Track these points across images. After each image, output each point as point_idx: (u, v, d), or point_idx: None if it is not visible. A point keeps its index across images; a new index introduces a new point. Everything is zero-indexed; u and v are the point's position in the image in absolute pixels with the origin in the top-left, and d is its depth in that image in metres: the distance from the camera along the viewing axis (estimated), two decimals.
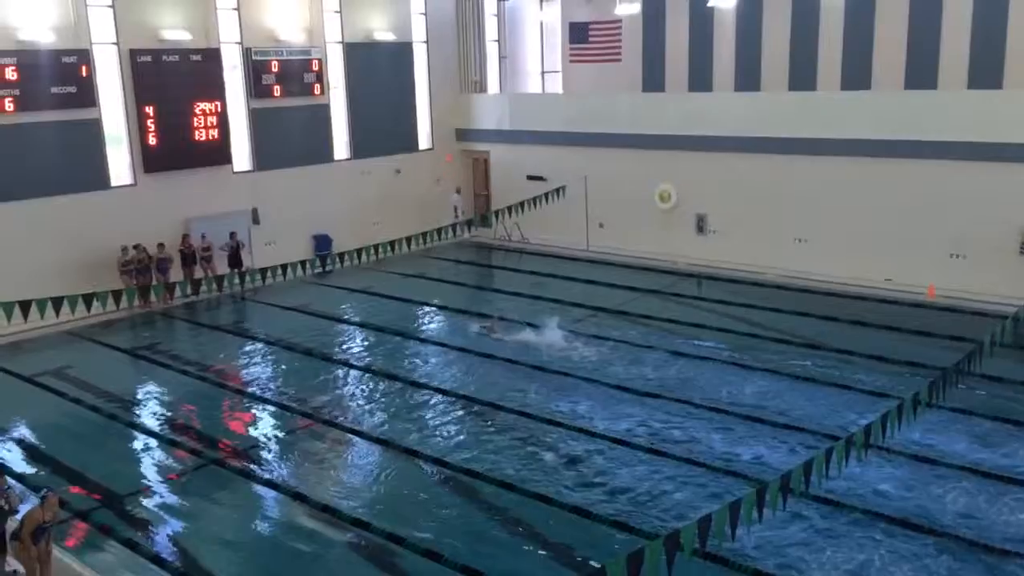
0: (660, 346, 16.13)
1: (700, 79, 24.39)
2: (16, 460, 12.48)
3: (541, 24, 28.40)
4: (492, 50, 28.19)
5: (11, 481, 10.25)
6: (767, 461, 11.49)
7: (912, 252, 18.88)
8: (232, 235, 20.75)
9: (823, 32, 22.17)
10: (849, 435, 9.73)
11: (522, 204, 22.96)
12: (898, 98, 20.16)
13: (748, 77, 23.42)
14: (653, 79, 25.30)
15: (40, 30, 18.26)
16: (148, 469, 12.18)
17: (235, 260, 20.49)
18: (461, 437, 12.68)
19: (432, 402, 14.06)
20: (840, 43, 21.94)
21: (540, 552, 9.89)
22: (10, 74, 17.90)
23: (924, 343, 15.65)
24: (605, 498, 10.74)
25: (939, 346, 15.04)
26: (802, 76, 22.47)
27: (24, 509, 9.22)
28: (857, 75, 21.60)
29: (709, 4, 22.67)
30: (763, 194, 21.11)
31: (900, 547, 9.52)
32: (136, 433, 13.37)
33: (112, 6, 19.45)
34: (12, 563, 9.27)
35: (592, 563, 9.22)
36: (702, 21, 24.08)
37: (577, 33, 26.73)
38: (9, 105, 17.97)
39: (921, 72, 20.67)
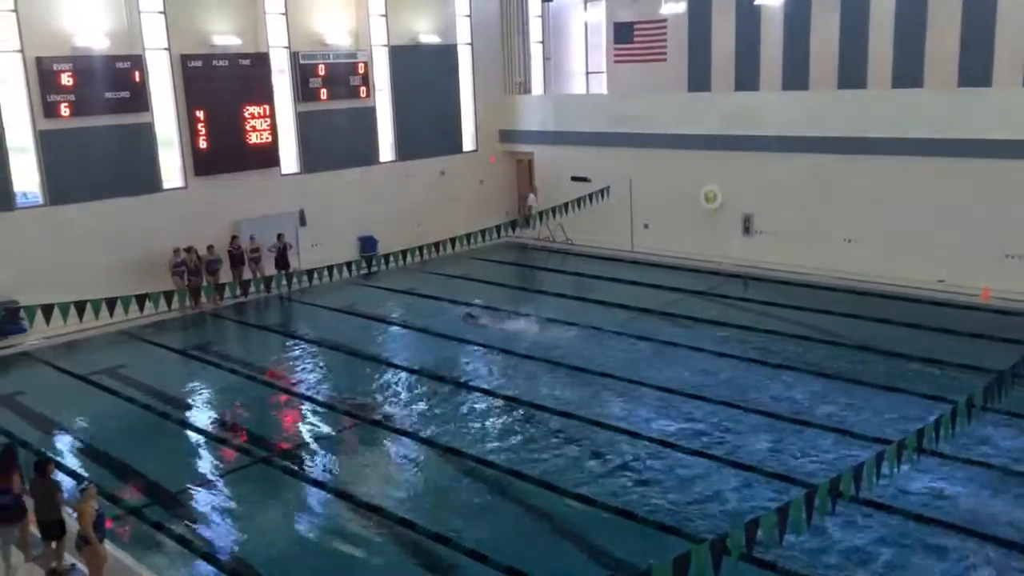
0: (706, 347, 15.98)
1: (747, 78, 24.11)
2: (71, 457, 12.80)
3: (585, 24, 28.32)
4: (536, 51, 28.22)
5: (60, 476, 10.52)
6: (816, 465, 11.31)
7: (966, 253, 18.47)
8: (279, 236, 21.03)
9: (873, 29, 21.76)
10: (901, 439, 9.56)
11: (566, 205, 22.95)
12: (951, 96, 19.70)
13: (796, 75, 23.09)
14: (698, 79, 25.08)
15: (95, 36, 18.70)
16: (198, 467, 12.40)
17: (282, 261, 20.77)
18: (506, 437, 12.68)
19: (476, 402, 14.10)
20: (891, 40, 21.52)
21: (585, 554, 9.87)
22: (66, 80, 18.36)
23: (979, 346, 15.28)
24: (650, 500, 10.67)
25: (994, 349, 14.67)
26: (852, 74, 22.08)
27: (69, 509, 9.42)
28: (909, 73, 21.16)
29: (756, 2, 22.41)
30: (811, 194, 20.82)
31: (956, 553, 9.32)
32: (187, 431, 13.63)
33: (164, 12, 19.87)
34: (70, 557, 9.51)
35: (638, 566, 9.15)
36: (749, 19, 23.81)
37: (622, 33, 26.60)
38: (65, 110, 18.44)
39: (975, 69, 20.18)
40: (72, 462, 12.52)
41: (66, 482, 11.35)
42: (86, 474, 11.87)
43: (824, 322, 17.14)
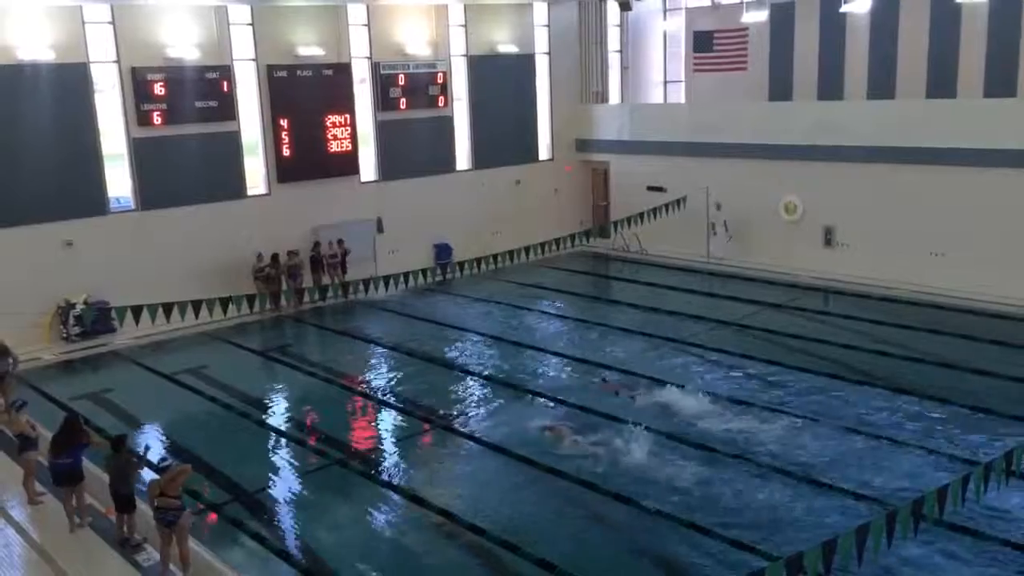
0: (784, 362, 15.66)
1: (830, 87, 23.57)
2: (154, 453, 13.17)
3: (664, 34, 28.11)
4: (614, 60, 28.13)
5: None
6: (896, 485, 10.96)
7: None
8: (340, 242, 21.33)
9: (964, 36, 21.03)
10: (988, 461, 9.20)
11: (641, 215, 22.81)
12: None
13: (882, 84, 22.48)
14: (780, 88, 24.62)
15: (186, 48, 19.38)
16: (276, 466, 12.69)
17: (342, 267, 21.15)
18: (578, 448, 12.62)
19: (549, 411, 14.08)
20: (983, 47, 20.76)
21: (656, 568, 9.77)
22: (159, 89, 19.09)
23: None
24: (724, 515, 10.49)
25: None
26: (941, 82, 21.39)
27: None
28: (1001, 81, 20.40)
29: (842, 9, 21.92)
30: (896, 206, 20.22)
31: None
32: (266, 431, 13.97)
33: (252, 24, 20.47)
34: (137, 537, 9.96)
35: None
36: (833, 27, 23.27)
37: (701, 42, 26.32)
38: (157, 118, 19.15)
39: None
40: (155, 458, 12.91)
41: (147, 473, 11.77)
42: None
43: (906, 337, 16.62)
